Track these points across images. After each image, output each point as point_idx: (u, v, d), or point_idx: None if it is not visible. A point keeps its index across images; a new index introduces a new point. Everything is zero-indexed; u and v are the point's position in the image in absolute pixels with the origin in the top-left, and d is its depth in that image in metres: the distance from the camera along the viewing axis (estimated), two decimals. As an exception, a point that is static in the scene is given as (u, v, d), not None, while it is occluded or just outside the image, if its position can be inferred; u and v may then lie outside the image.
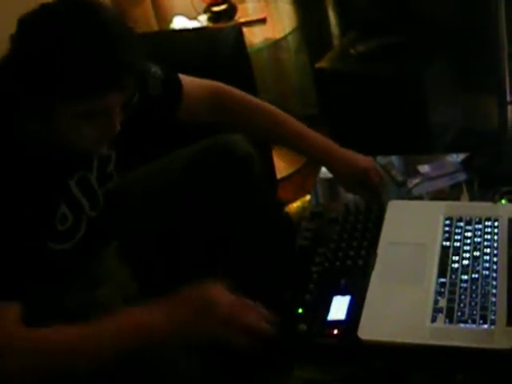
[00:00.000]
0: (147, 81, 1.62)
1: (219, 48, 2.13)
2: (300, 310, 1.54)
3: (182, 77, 1.73)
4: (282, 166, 3.05)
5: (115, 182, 1.63)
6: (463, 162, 1.97)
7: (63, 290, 1.47)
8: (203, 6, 3.03)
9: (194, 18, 3.00)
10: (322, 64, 2.85)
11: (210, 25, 2.94)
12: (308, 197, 2.52)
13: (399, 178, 1.96)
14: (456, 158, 2.00)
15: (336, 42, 3.07)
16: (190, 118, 1.75)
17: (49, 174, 1.43)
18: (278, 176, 2.86)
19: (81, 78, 1.26)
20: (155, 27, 3.07)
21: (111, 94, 1.31)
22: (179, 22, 2.92)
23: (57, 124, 1.34)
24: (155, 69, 1.65)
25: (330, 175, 1.93)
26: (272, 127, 1.79)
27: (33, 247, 1.39)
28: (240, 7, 3.06)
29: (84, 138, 1.37)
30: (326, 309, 1.53)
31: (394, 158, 2.06)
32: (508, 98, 2.54)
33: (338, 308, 1.52)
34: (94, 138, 1.38)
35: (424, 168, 1.97)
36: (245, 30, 2.57)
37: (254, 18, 3.02)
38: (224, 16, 2.95)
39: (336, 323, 1.49)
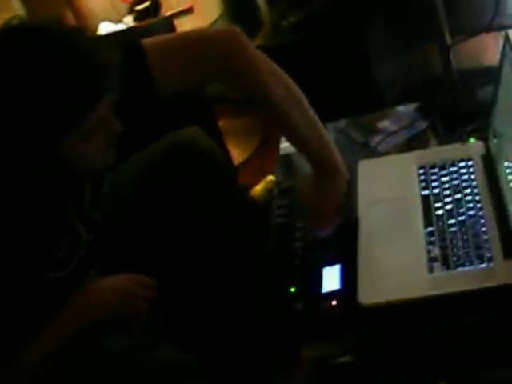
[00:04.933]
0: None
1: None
2: (292, 289, 1.50)
3: (150, 45, 1.45)
4: (237, 152, 3.00)
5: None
6: (418, 110, 1.95)
7: None
8: (126, 7, 2.96)
9: (120, 21, 2.93)
10: (257, 42, 2.79)
11: (137, 24, 2.88)
12: (270, 177, 2.49)
13: (361, 139, 1.93)
14: (408, 108, 1.98)
15: (266, 17, 3.02)
16: (181, 89, 1.51)
17: (44, 210, 1.36)
18: (235, 163, 2.82)
19: (69, 105, 1.19)
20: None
21: (100, 100, 1.24)
22: (106, 28, 2.86)
23: (64, 159, 1.26)
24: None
25: (288, 151, 1.89)
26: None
27: (32, 282, 1.35)
28: (163, 1, 3.00)
29: (94, 154, 1.29)
30: (319, 282, 1.49)
31: (350, 121, 2.02)
32: (449, 42, 2.52)
33: (331, 278, 1.48)
34: (102, 150, 1.31)
35: (383, 124, 1.95)
36: (173, 22, 2.51)
37: (180, 9, 2.96)
38: (149, 13, 2.89)
39: (332, 294, 1.45)
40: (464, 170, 1.61)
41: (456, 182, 1.58)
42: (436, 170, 1.63)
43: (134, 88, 1.40)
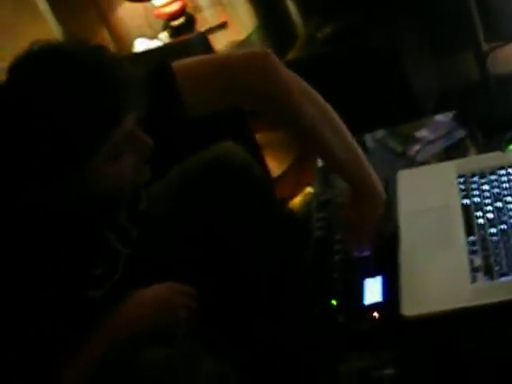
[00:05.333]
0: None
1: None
2: (334, 302, 1.49)
3: (180, 68, 1.46)
4: (274, 165, 3.00)
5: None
6: (455, 118, 1.94)
7: None
8: (160, 23, 2.99)
9: (155, 37, 2.96)
10: (293, 54, 2.81)
11: (173, 40, 2.90)
12: (308, 189, 2.48)
13: (399, 149, 1.92)
14: (446, 116, 1.96)
15: (300, 30, 3.04)
16: (212, 111, 1.52)
17: (79, 227, 1.36)
18: (273, 176, 2.82)
19: (94, 123, 1.20)
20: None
21: (122, 119, 1.24)
22: (141, 44, 2.88)
23: (95, 180, 1.26)
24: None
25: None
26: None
27: (71, 301, 1.36)
28: (198, 17, 3.02)
29: (125, 172, 1.29)
30: (360, 294, 1.48)
31: (388, 131, 2.01)
32: (485, 49, 2.50)
33: (372, 290, 1.48)
34: (134, 167, 1.30)
35: (421, 133, 1.93)
36: (208, 37, 2.52)
37: (215, 23, 2.98)
38: (184, 29, 2.91)
39: (375, 306, 1.44)
40: (504, 178, 1.59)
41: (496, 190, 1.57)
42: (476, 179, 1.62)
43: (164, 109, 1.42)
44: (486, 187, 1.59)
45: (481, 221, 1.51)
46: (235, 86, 1.48)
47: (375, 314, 1.42)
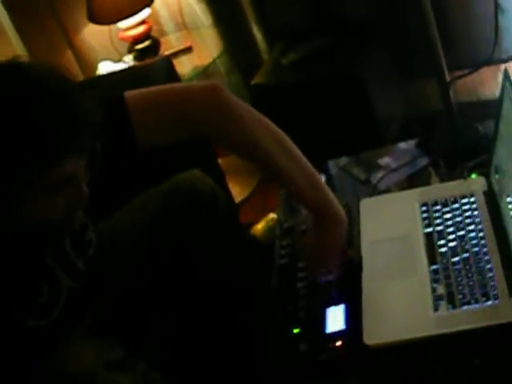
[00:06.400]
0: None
1: (154, 83, 2.06)
2: (296, 330, 1.48)
3: (133, 101, 1.46)
4: (237, 191, 2.99)
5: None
6: (418, 146, 1.95)
7: None
8: (125, 46, 2.98)
9: (120, 60, 2.94)
10: (257, 80, 2.82)
11: (137, 63, 2.88)
12: (271, 215, 2.47)
13: (362, 176, 1.92)
14: (409, 144, 1.98)
15: (265, 55, 3.05)
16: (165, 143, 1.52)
17: (20, 253, 1.33)
18: (236, 201, 2.80)
19: (35, 148, 1.16)
20: (82, 78, 3.00)
21: (69, 158, 1.21)
22: (105, 67, 2.86)
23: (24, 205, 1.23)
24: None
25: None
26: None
27: (12, 330, 1.32)
28: (163, 40, 3.02)
29: (54, 212, 1.25)
30: (323, 322, 1.47)
31: (351, 158, 2.02)
32: (448, 79, 2.52)
33: (335, 319, 1.47)
34: (64, 210, 1.26)
35: (384, 160, 1.94)
36: (173, 61, 2.51)
37: (180, 48, 2.99)
38: (149, 52, 2.90)
39: (337, 334, 1.44)
40: (466, 207, 1.60)
41: (459, 219, 1.58)
42: (438, 207, 1.63)
43: (114, 143, 1.38)
44: (448, 216, 1.60)
45: (443, 249, 1.52)
46: (189, 118, 1.49)
47: (338, 343, 1.41)
